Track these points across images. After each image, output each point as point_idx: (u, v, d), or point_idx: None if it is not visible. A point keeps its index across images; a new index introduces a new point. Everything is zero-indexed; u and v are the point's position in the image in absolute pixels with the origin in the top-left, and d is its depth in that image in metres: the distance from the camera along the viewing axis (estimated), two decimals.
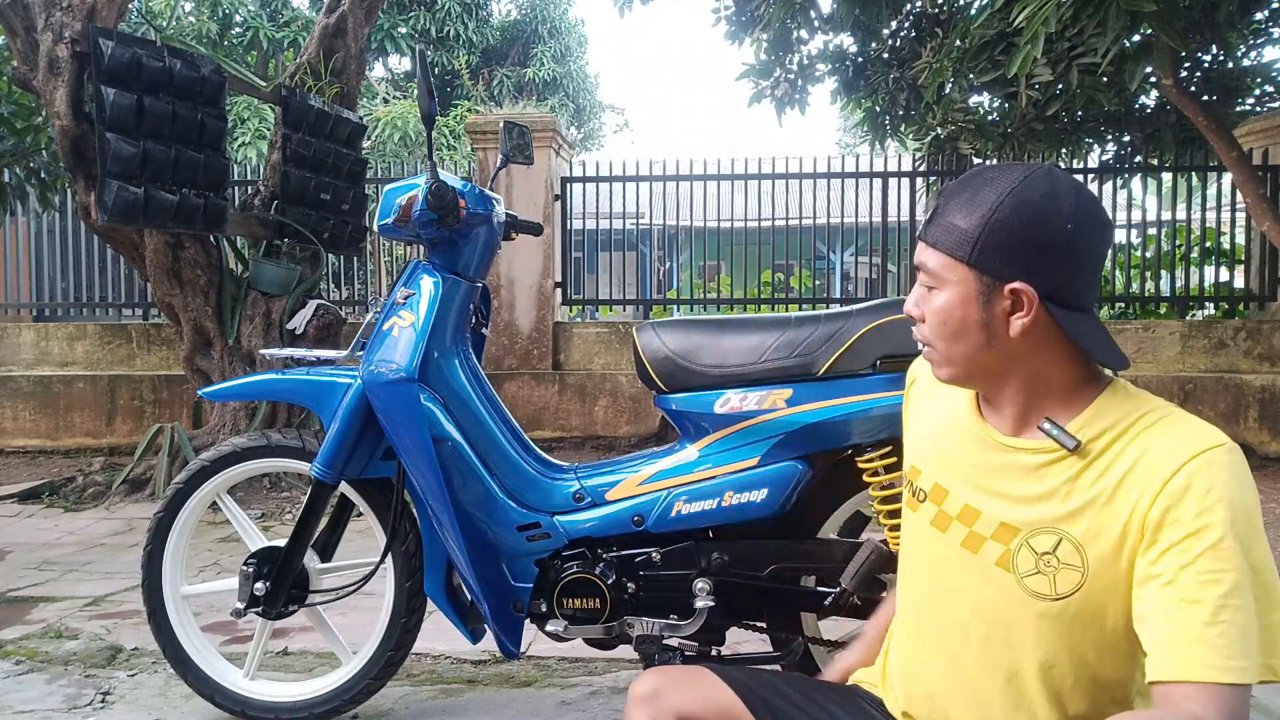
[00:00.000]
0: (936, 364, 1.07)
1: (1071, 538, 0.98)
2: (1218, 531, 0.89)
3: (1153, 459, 0.94)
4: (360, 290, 7.22)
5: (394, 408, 1.87)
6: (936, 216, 1.03)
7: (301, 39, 12.79)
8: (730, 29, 6.08)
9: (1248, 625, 0.87)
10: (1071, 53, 3.95)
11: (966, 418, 1.11)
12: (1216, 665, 0.86)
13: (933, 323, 1.04)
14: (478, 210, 1.97)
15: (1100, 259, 1.01)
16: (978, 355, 1.02)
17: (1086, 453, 0.98)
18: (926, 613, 1.12)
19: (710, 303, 7.21)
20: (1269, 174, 5.72)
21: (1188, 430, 0.96)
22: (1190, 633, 0.87)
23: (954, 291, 1.01)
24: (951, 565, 1.08)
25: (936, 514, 1.10)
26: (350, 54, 5.22)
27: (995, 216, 0.98)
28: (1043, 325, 0.99)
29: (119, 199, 3.77)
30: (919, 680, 1.13)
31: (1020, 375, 1.03)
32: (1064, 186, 0.98)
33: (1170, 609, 0.89)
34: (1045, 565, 0.99)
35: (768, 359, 1.80)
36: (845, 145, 20.96)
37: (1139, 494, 0.94)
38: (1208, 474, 0.91)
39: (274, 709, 2.09)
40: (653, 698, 1.15)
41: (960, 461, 1.09)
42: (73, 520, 4.34)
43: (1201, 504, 0.90)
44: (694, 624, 1.82)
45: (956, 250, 1.00)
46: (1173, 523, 0.91)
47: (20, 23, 4.20)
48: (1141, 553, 0.93)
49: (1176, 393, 5.51)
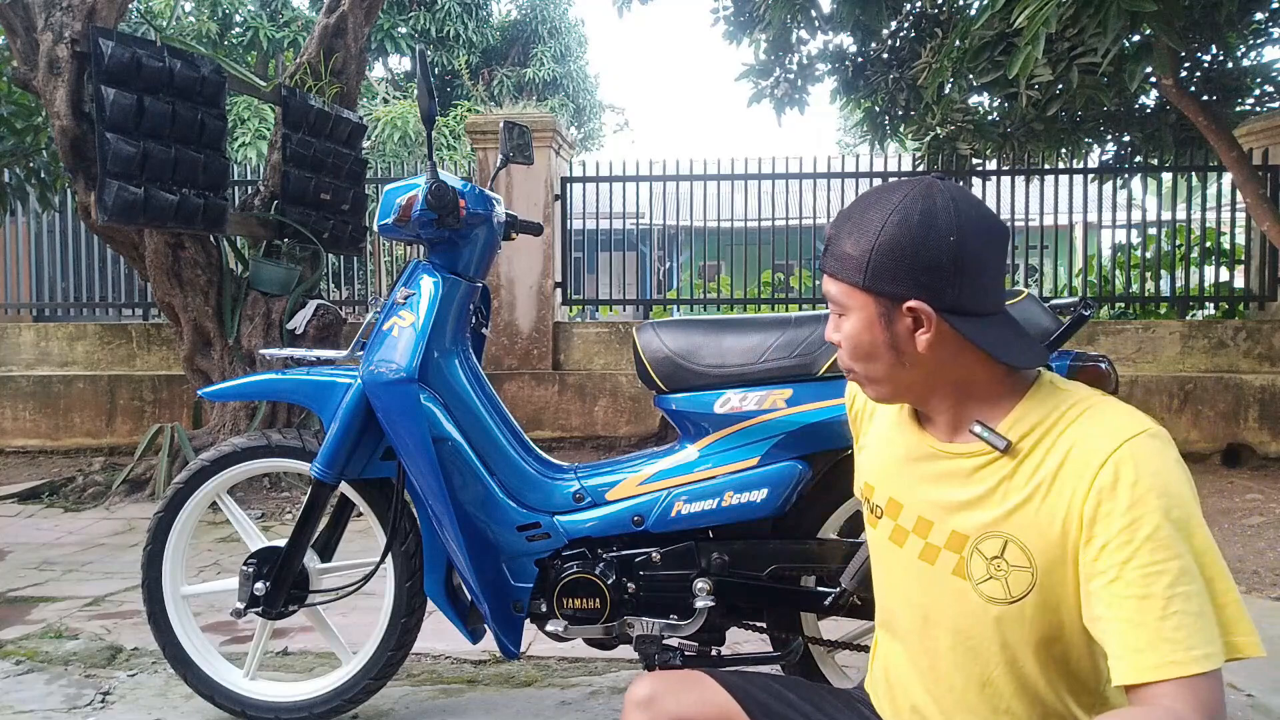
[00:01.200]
0: (862, 385, 1.10)
1: (1016, 539, 0.98)
2: (1153, 520, 0.89)
3: (1081, 452, 0.95)
4: (360, 290, 7.23)
5: (394, 408, 1.87)
6: (830, 246, 1.05)
7: (301, 39, 12.79)
8: (730, 29, 6.08)
9: (1202, 609, 0.87)
10: (1072, 53, 3.95)
11: (906, 430, 1.13)
12: (1180, 659, 0.85)
13: (846, 348, 1.07)
14: (478, 210, 1.97)
15: (992, 263, 1.02)
16: (895, 373, 1.04)
17: (1017, 452, 0.99)
18: (899, 626, 1.13)
19: (710, 303, 7.21)
20: (1269, 174, 5.72)
21: (1112, 419, 0.96)
22: (1147, 631, 0.87)
23: (857, 317, 1.04)
24: (912, 578, 1.09)
25: (894, 529, 1.11)
26: (350, 54, 5.22)
27: (880, 240, 0.99)
28: (949, 337, 1.00)
29: (119, 199, 3.77)
30: (904, 691, 1.13)
31: (943, 385, 1.04)
32: (942, 200, 0.99)
33: (1121, 607, 0.88)
34: (996, 570, 1.00)
35: (768, 359, 1.80)
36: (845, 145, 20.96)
37: (1072, 488, 0.94)
38: (1134, 463, 0.91)
39: (274, 709, 2.09)
40: (649, 702, 1.15)
41: (907, 474, 1.11)
42: (73, 520, 4.34)
43: (1132, 495, 0.90)
44: (694, 624, 1.82)
45: (851, 277, 1.02)
46: (1106, 516, 0.91)
47: (20, 23, 4.20)
48: (1082, 547, 0.93)
49: (1176, 393, 5.51)
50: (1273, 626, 2.78)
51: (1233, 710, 2.17)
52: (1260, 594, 3.17)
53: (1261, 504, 4.50)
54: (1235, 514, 4.31)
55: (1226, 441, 5.48)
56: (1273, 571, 3.43)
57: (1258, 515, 4.28)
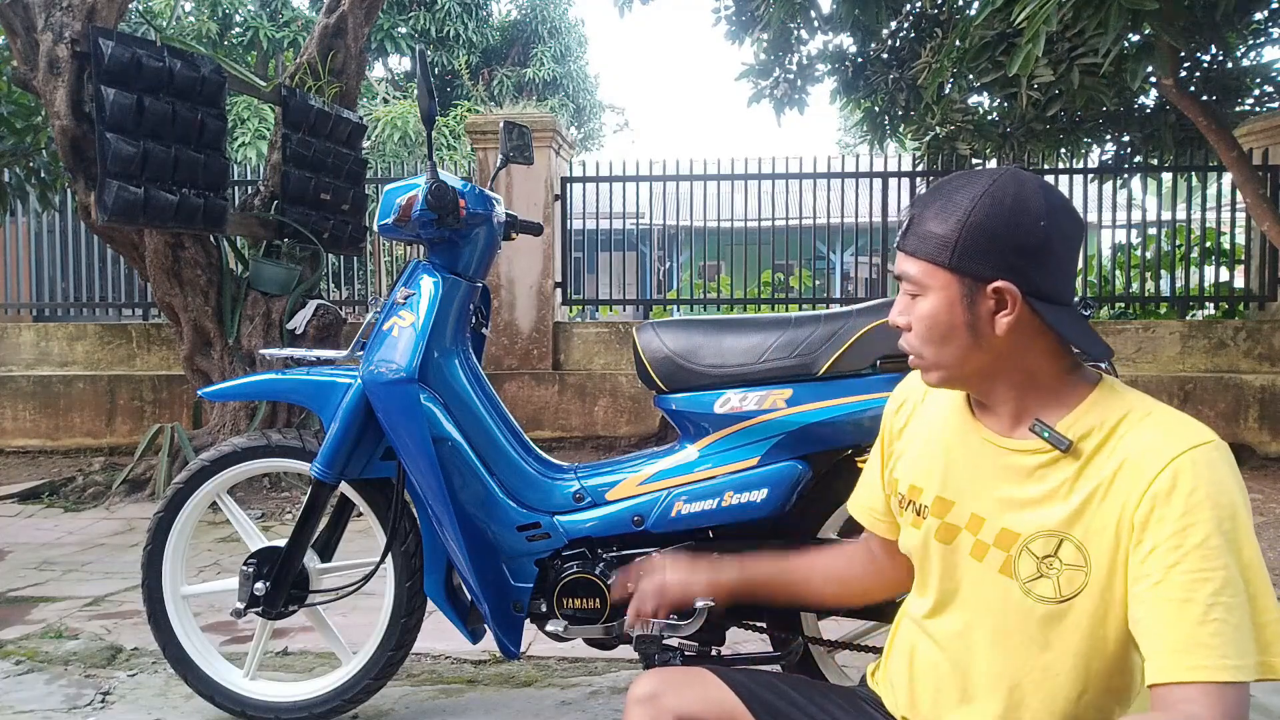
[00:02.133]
0: (926, 369, 1.08)
1: (1073, 539, 0.98)
2: (1204, 530, 0.89)
3: (1140, 457, 0.95)
4: (360, 290, 7.23)
5: (394, 408, 1.87)
6: (913, 226, 1.05)
7: (301, 39, 12.79)
8: (730, 29, 6.08)
9: (1241, 623, 0.87)
10: (1072, 53, 3.95)
11: (961, 424, 1.11)
12: (1211, 665, 0.86)
13: (920, 329, 1.06)
14: (478, 210, 1.97)
15: (1075, 253, 1.04)
16: (967, 357, 1.04)
17: (1079, 452, 0.99)
18: (937, 623, 1.12)
19: (710, 303, 7.21)
20: (1269, 174, 5.72)
21: (1174, 427, 0.97)
22: (1183, 633, 0.87)
23: (937, 297, 1.03)
24: (958, 575, 1.09)
25: (940, 527, 1.10)
26: (350, 54, 5.22)
27: (971, 220, 1.00)
28: (1026, 322, 1.01)
29: (119, 199, 3.76)
30: (929, 685, 1.12)
31: (1009, 374, 1.04)
32: (1032, 186, 1.02)
33: (1162, 610, 0.89)
34: (1048, 568, 0.99)
35: (768, 359, 1.80)
36: (845, 145, 20.96)
37: (1128, 492, 0.94)
38: (1193, 472, 0.92)
39: (274, 709, 2.09)
40: (652, 699, 1.15)
41: (960, 471, 1.10)
42: (73, 520, 4.34)
43: (1187, 503, 0.91)
44: (694, 624, 1.82)
45: (936, 256, 1.02)
46: (1159, 521, 0.91)
47: (20, 23, 4.20)
48: (1132, 550, 0.94)
49: (1176, 393, 5.51)
50: None
51: None
52: None
53: (1261, 504, 4.50)
54: None
55: (1227, 442, 5.45)
56: (1273, 571, 3.43)
57: (1258, 515, 4.28)
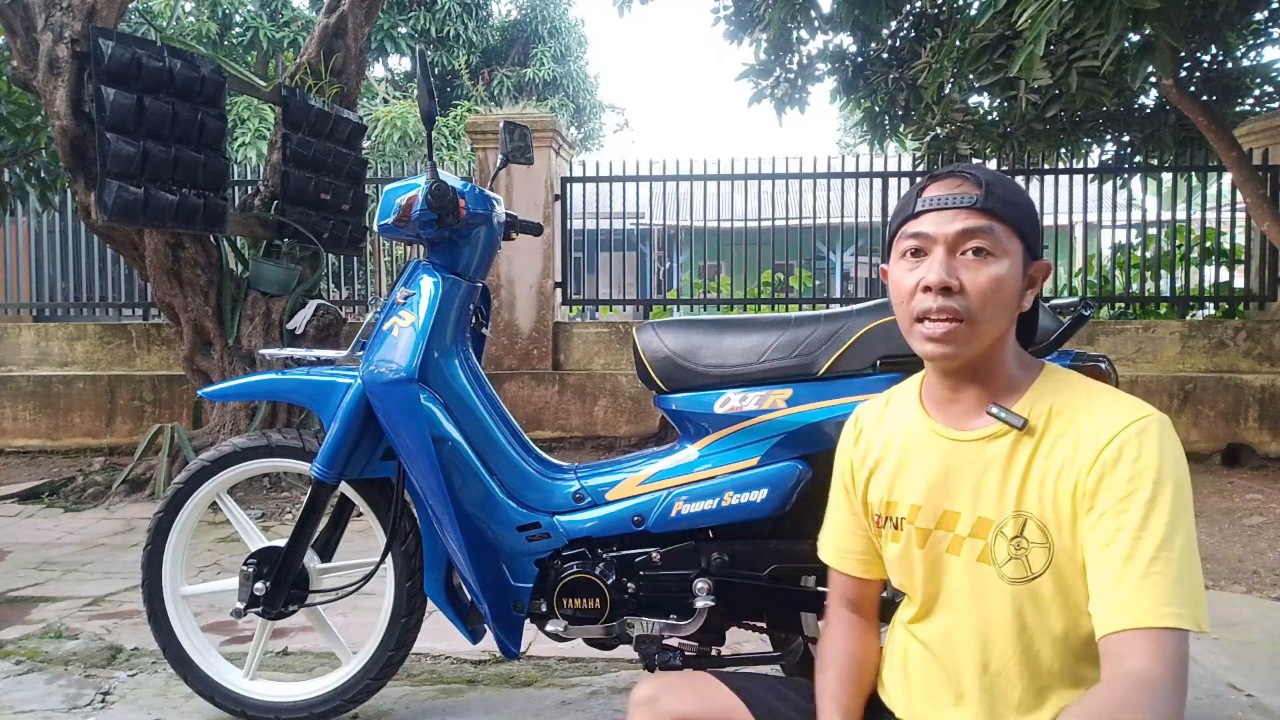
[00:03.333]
0: (964, 340, 1.03)
1: (1034, 517, 1.02)
2: (1147, 492, 0.95)
3: (1091, 432, 1.00)
4: (360, 290, 7.22)
5: (394, 408, 1.87)
6: (991, 189, 1.05)
7: (301, 39, 12.79)
8: (730, 29, 6.08)
9: (1180, 576, 0.92)
10: (1071, 55, 3.95)
11: (921, 432, 1.13)
12: (1152, 611, 0.91)
13: (986, 290, 1.03)
14: (478, 210, 1.97)
15: None
16: (1002, 328, 1.07)
17: (1033, 431, 1.04)
18: (923, 624, 1.14)
19: (710, 303, 7.20)
20: (1269, 174, 5.71)
21: (1120, 404, 1.02)
22: (1128, 588, 0.92)
23: (1013, 261, 1.05)
24: (939, 576, 1.10)
25: (916, 533, 1.12)
26: (350, 54, 5.22)
27: (1026, 200, 1.08)
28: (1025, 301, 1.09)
29: (119, 199, 3.76)
30: (923, 682, 1.13)
31: (1000, 351, 1.08)
32: None
33: (1109, 568, 0.94)
34: (1016, 549, 1.03)
35: (768, 359, 1.80)
36: (845, 145, 20.97)
37: (1080, 465, 0.99)
38: (1138, 441, 0.97)
39: (274, 709, 2.09)
40: (652, 702, 1.16)
41: (930, 474, 1.11)
42: (73, 520, 4.34)
43: (1132, 469, 0.96)
44: (694, 624, 1.82)
45: (1021, 223, 1.06)
46: (1108, 488, 0.97)
47: (20, 23, 4.20)
48: (1084, 517, 0.98)
49: (1176, 393, 5.51)
50: (1273, 626, 2.78)
51: (1233, 710, 2.17)
52: (1260, 594, 3.17)
53: (1261, 504, 4.50)
54: (1235, 514, 4.31)
55: (1226, 441, 5.48)
56: (1273, 571, 3.43)
57: (1258, 515, 4.28)
